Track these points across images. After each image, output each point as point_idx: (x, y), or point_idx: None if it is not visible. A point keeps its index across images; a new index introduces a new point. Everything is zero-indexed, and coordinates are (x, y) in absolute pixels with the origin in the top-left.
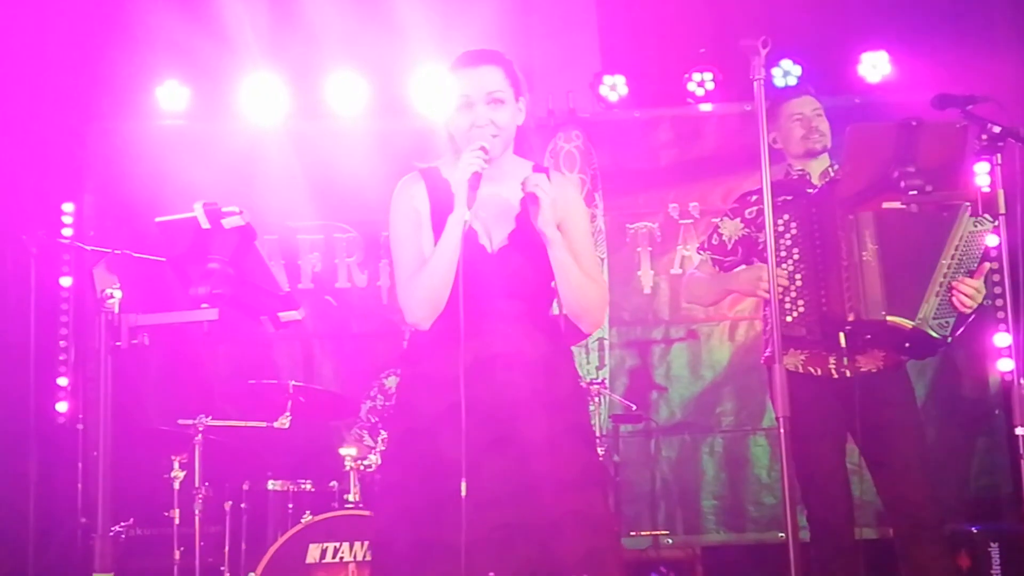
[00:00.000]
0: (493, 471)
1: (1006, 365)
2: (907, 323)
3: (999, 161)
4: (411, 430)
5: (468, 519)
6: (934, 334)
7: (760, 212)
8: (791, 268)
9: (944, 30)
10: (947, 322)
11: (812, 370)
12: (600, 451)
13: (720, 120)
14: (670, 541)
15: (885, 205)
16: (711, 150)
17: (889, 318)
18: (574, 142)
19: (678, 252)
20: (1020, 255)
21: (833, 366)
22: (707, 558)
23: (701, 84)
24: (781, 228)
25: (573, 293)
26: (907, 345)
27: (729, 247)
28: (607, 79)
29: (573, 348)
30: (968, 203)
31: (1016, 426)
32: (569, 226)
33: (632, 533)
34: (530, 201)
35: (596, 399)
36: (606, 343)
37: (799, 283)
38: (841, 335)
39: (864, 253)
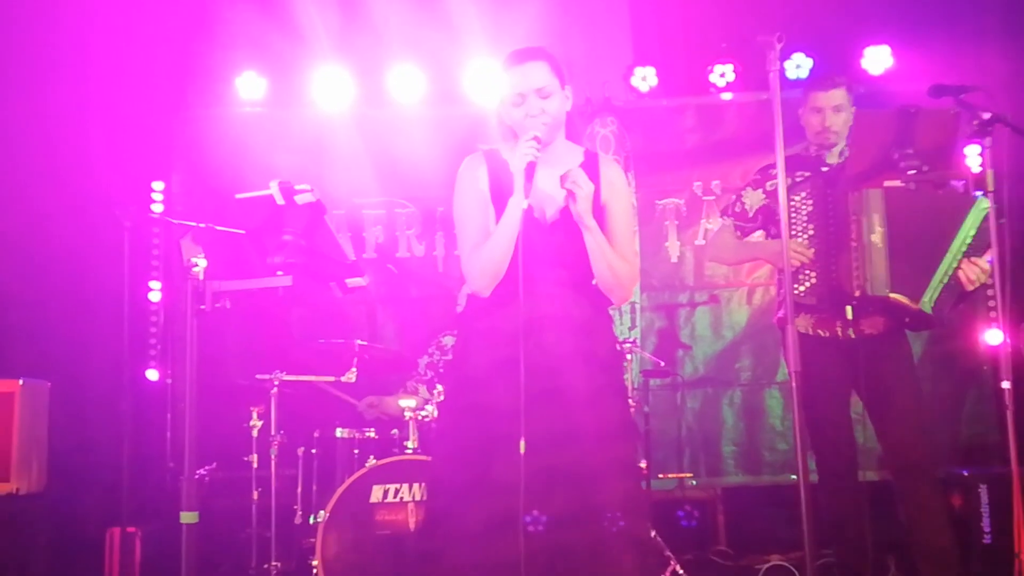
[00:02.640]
0: (540, 419)
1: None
2: (911, 304)
3: (989, 144)
4: (466, 382)
5: (505, 461)
6: (934, 315)
7: None
8: (806, 242)
9: (940, 26)
10: (947, 303)
11: (820, 332)
12: (632, 402)
13: (739, 108)
14: (694, 483)
15: (886, 184)
16: (731, 134)
17: (892, 296)
18: (609, 127)
19: (702, 225)
20: (1006, 230)
21: (839, 329)
22: (727, 498)
23: (722, 76)
24: (798, 203)
25: (605, 272)
26: (907, 320)
27: (750, 215)
28: (638, 71)
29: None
30: (981, 195)
31: (1002, 380)
32: (612, 207)
33: (660, 476)
34: (568, 195)
35: (629, 357)
36: (637, 307)
37: (812, 256)
38: (848, 308)
39: (872, 235)
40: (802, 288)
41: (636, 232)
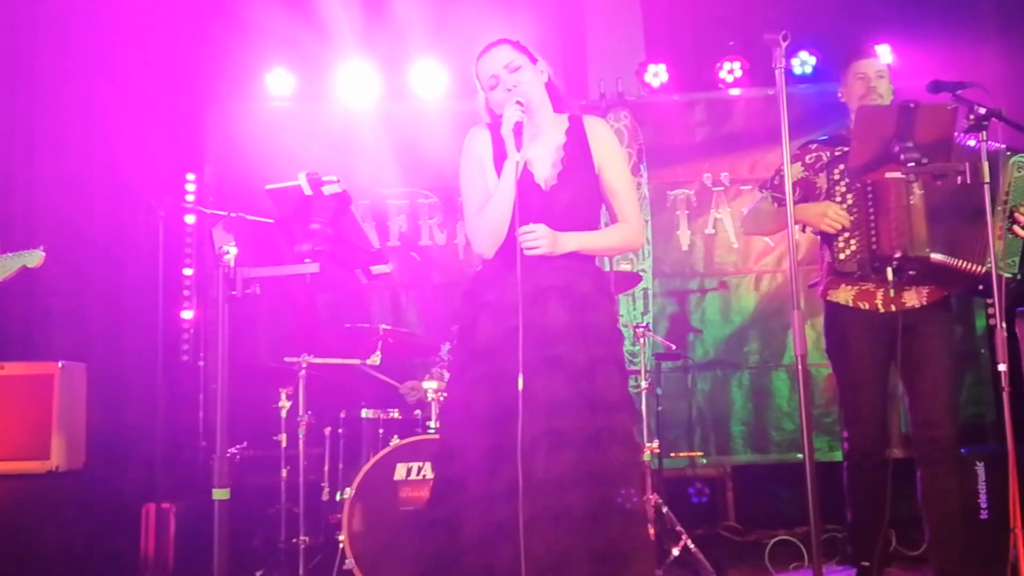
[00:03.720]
0: (545, 385)
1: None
2: (978, 268)
3: (984, 137)
4: (478, 354)
5: (523, 425)
6: (1006, 274)
7: (817, 158)
8: (845, 209)
9: (938, 26)
10: (1014, 261)
11: (861, 304)
12: (644, 383)
13: (747, 103)
14: (704, 461)
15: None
16: (739, 128)
17: (932, 256)
18: (623, 121)
19: (711, 215)
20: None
21: (880, 301)
22: (736, 475)
23: (731, 72)
24: (837, 176)
25: (613, 251)
26: (980, 288)
27: None
28: (651, 67)
29: (621, 297)
30: (1008, 150)
31: (999, 363)
32: (607, 162)
33: (672, 454)
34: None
35: (641, 340)
36: (650, 292)
37: (851, 222)
38: (888, 269)
39: (911, 198)
40: (843, 255)
41: (648, 221)
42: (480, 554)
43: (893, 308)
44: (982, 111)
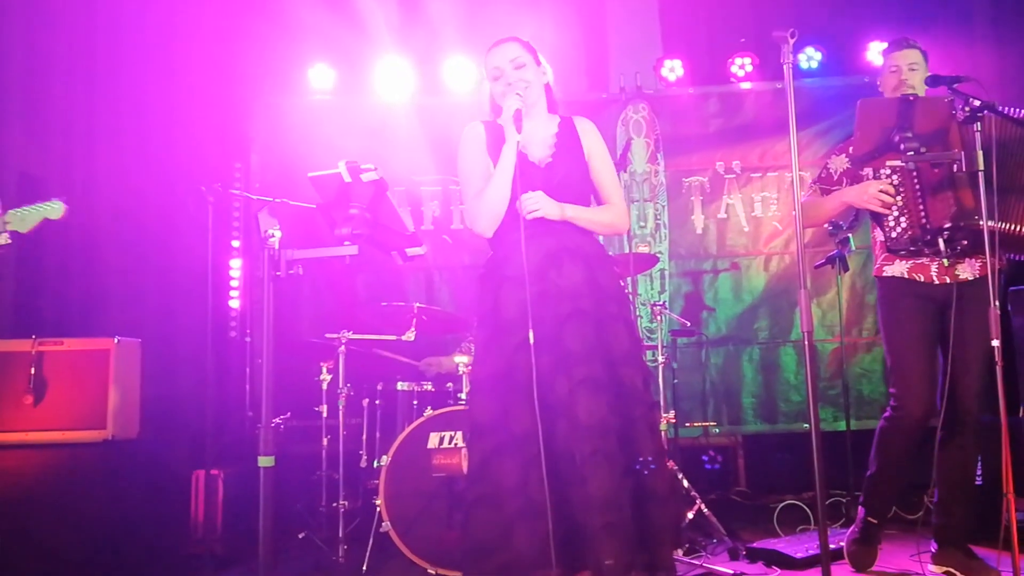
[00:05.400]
0: (573, 338)
1: None
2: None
3: (979, 128)
4: (507, 325)
5: (552, 380)
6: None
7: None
8: (891, 188)
9: (936, 23)
10: None
11: (916, 276)
12: (661, 358)
13: (757, 96)
14: (717, 431)
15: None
16: (750, 119)
17: (981, 222)
18: (641, 113)
19: (723, 200)
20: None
21: (935, 273)
22: (746, 444)
23: (742, 67)
24: None
25: (600, 229)
26: (1013, 258)
27: (835, 178)
28: (667, 63)
29: (640, 277)
30: None
31: (992, 339)
32: (594, 156)
33: (687, 424)
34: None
35: (659, 317)
36: (666, 273)
37: (899, 203)
38: (940, 240)
39: (956, 172)
40: (895, 234)
41: (665, 207)
42: (536, 517)
43: (947, 280)
44: (976, 103)
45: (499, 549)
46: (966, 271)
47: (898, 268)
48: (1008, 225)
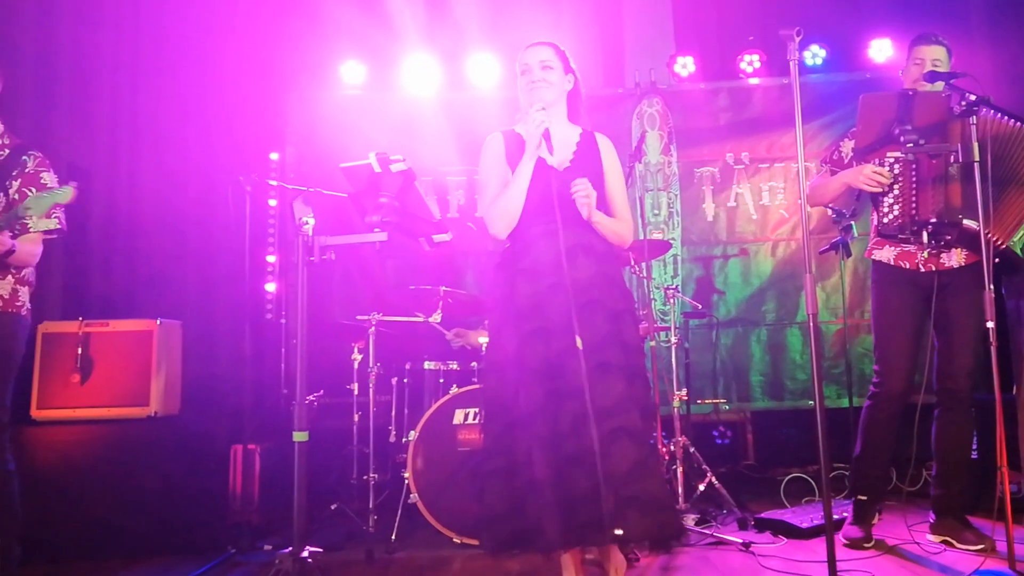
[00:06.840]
0: (587, 326)
1: None
2: (1000, 240)
3: (975, 122)
4: (523, 312)
5: (574, 366)
6: (1017, 249)
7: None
8: (888, 173)
9: (934, 21)
10: None
11: (902, 264)
12: (674, 339)
13: (765, 91)
14: (727, 407)
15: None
16: (758, 113)
17: (965, 221)
18: (655, 107)
19: (733, 190)
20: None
21: (921, 262)
22: (755, 420)
23: (750, 63)
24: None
25: (612, 237)
26: (996, 260)
27: (845, 161)
28: (680, 59)
29: (654, 262)
30: None
31: (987, 321)
32: (610, 176)
33: (699, 401)
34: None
35: (672, 300)
36: (679, 258)
37: (896, 192)
38: (924, 232)
39: (951, 168)
40: (887, 219)
41: (677, 195)
42: (553, 490)
43: (932, 268)
44: (972, 98)
45: (510, 518)
46: (951, 260)
47: (886, 254)
48: (993, 235)
